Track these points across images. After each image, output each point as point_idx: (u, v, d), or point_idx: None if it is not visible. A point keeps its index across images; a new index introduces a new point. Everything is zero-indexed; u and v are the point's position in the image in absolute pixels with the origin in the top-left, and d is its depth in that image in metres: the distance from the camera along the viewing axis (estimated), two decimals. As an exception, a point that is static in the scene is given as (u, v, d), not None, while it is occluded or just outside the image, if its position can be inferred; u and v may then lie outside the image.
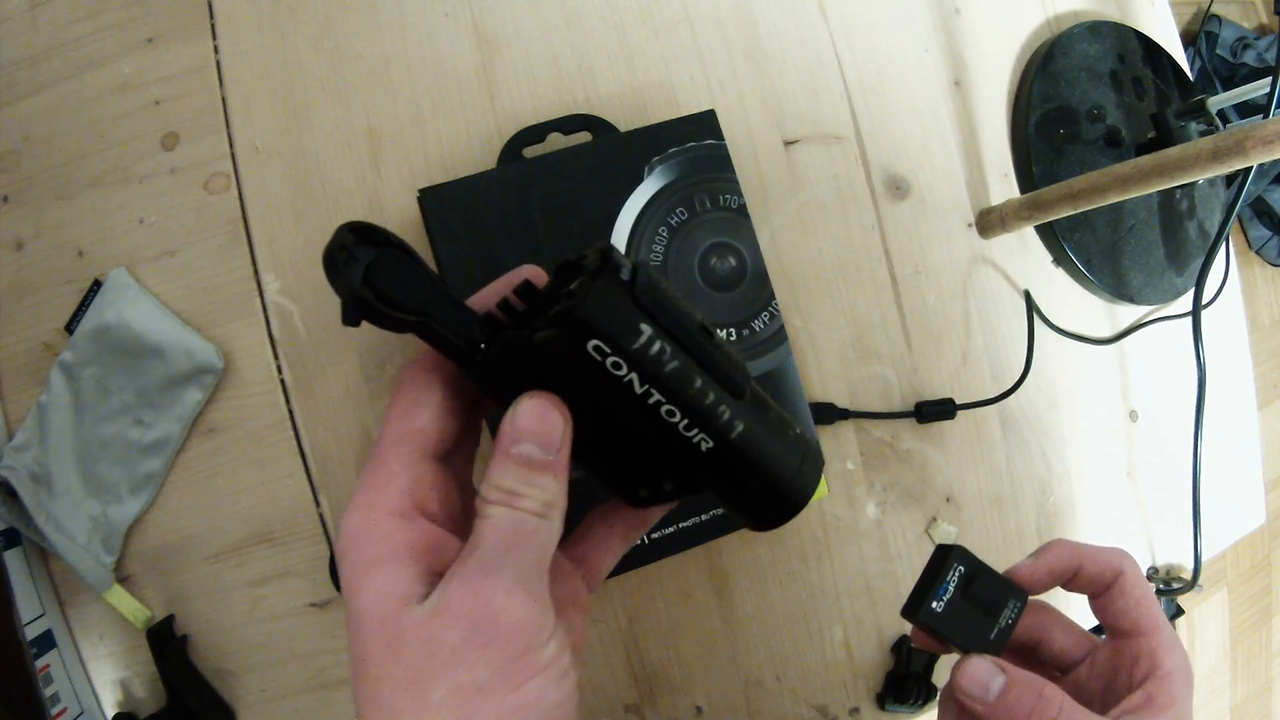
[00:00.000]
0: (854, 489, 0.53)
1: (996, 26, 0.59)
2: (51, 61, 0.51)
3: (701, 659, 0.51)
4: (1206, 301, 0.57)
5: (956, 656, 0.33)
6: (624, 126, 0.50)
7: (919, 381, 0.55)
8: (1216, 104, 0.58)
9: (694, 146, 0.48)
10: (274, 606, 0.49)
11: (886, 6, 0.57)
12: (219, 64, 0.50)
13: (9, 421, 0.49)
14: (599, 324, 0.22)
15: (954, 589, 0.33)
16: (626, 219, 0.47)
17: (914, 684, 0.51)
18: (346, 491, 0.49)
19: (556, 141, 0.50)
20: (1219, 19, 1.53)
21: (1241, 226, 1.64)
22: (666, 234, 0.48)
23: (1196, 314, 0.54)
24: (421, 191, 0.46)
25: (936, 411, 0.54)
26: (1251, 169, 0.47)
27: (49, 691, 0.46)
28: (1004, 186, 0.58)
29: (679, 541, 0.47)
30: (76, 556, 0.47)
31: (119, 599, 0.48)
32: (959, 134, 0.58)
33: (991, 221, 0.56)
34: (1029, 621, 0.35)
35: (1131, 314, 0.61)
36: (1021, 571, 0.35)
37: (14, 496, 0.47)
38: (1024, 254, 0.58)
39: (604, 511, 0.30)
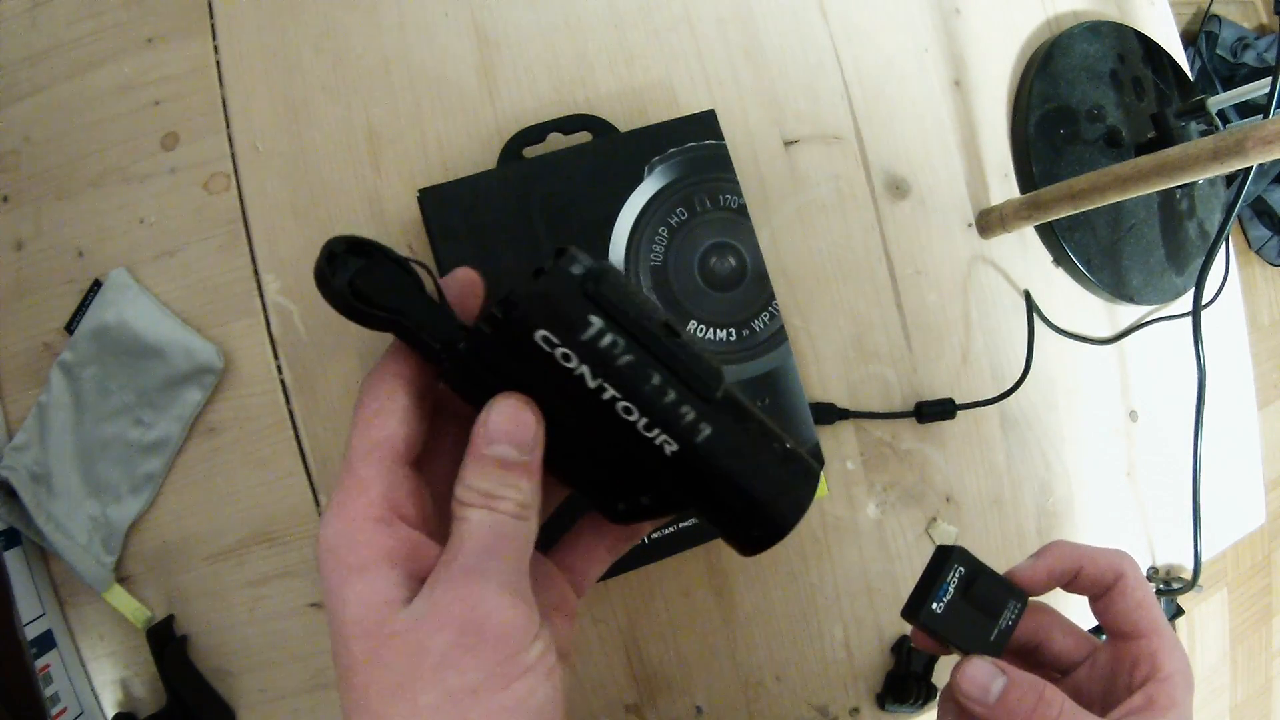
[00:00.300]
0: (854, 489, 0.53)
1: (996, 26, 0.59)
2: (51, 61, 0.51)
3: (701, 659, 0.51)
4: (1206, 301, 0.57)
5: (956, 658, 0.33)
6: (624, 126, 0.50)
7: (919, 381, 0.55)
8: (1216, 104, 0.58)
9: (694, 146, 0.48)
10: (274, 606, 0.49)
11: (886, 7, 0.57)
12: (219, 64, 0.50)
13: (9, 421, 0.49)
14: (542, 313, 0.22)
15: (954, 590, 0.33)
16: (626, 219, 0.47)
17: (914, 684, 0.51)
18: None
19: (556, 141, 0.50)
20: (1219, 19, 1.53)
21: (1241, 226, 1.64)
22: (666, 234, 0.48)
23: (1196, 314, 0.54)
24: (421, 191, 0.46)
25: (936, 411, 0.54)
26: (1251, 169, 0.47)
27: (49, 691, 0.46)
28: (1004, 186, 0.58)
29: (679, 541, 0.47)
30: (76, 556, 0.47)
31: (119, 599, 0.48)
32: (959, 134, 0.57)
33: (991, 221, 0.56)
34: (1029, 623, 0.35)
35: (1131, 314, 0.61)
36: (1021, 573, 0.35)
37: (14, 496, 0.47)
38: (1024, 254, 0.58)
39: (594, 520, 0.30)
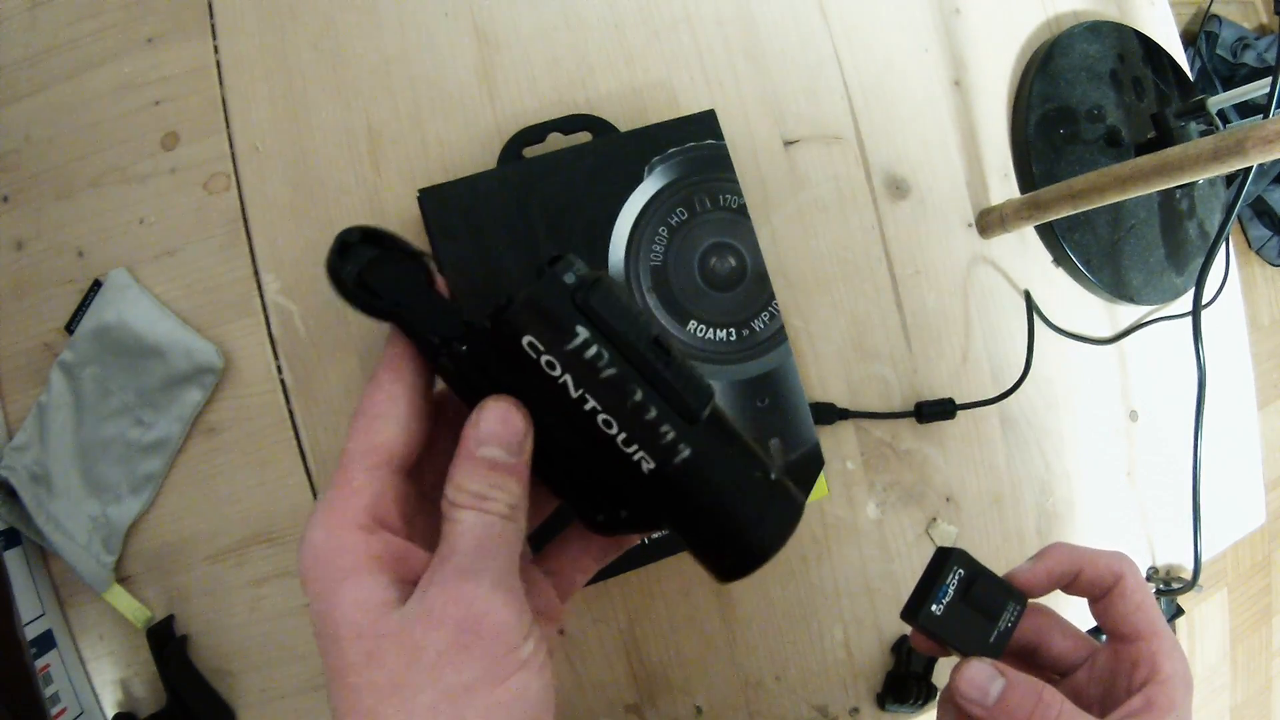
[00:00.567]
0: (854, 489, 0.53)
1: (996, 26, 0.59)
2: (51, 61, 0.51)
3: (701, 659, 0.51)
4: (1206, 301, 0.57)
5: (956, 659, 0.33)
6: (624, 126, 0.50)
7: (919, 381, 0.55)
8: (1216, 104, 0.58)
9: (694, 146, 0.48)
10: (274, 606, 0.49)
11: (886, 7, 0.57)
12: (219, 64, 0.50)
13: (9, 421, 0.49)
14: (530, 319, 0.23)
15: (953, 592, 0.33)
16: (626, 219, 0.47)
17: (914, 684, 0.51)
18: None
19: (556, 141, 0.50)
20: (1219, 19, 1.53)
21: (1241, 226, 1.64)
22: (666, 234, 0.48)
23: (1196, 314, 0.54)
24: (421, 191, 0.45)
25: (936, 411, 0.54)
26: (1251, 169, 0.47)
27: (49, 691, 0.46)
28: (1004, 186, 0.58)
29: (679, 542, 0.47)
30: (76, 556, 0.47)
31: (119, 599, 0.48)
32: (959, 134, 0.57)
33: (991, 221, 0.56)
34: (1028, 625, 0.35)
35: (1131, 314, 0.61)
36: (1021, 575, 0.35)
37: (14, 496, 0.47)
38: (1024, 254, 0.58)
39: (582, 528, 0.30)
